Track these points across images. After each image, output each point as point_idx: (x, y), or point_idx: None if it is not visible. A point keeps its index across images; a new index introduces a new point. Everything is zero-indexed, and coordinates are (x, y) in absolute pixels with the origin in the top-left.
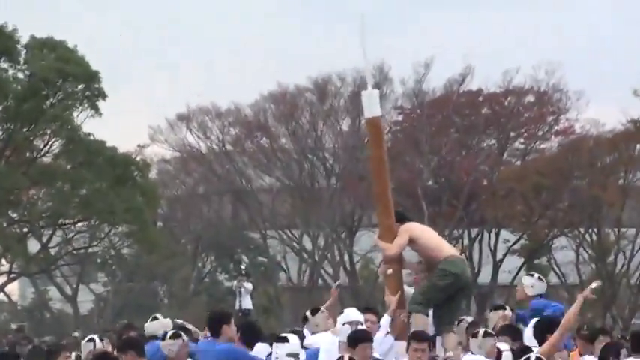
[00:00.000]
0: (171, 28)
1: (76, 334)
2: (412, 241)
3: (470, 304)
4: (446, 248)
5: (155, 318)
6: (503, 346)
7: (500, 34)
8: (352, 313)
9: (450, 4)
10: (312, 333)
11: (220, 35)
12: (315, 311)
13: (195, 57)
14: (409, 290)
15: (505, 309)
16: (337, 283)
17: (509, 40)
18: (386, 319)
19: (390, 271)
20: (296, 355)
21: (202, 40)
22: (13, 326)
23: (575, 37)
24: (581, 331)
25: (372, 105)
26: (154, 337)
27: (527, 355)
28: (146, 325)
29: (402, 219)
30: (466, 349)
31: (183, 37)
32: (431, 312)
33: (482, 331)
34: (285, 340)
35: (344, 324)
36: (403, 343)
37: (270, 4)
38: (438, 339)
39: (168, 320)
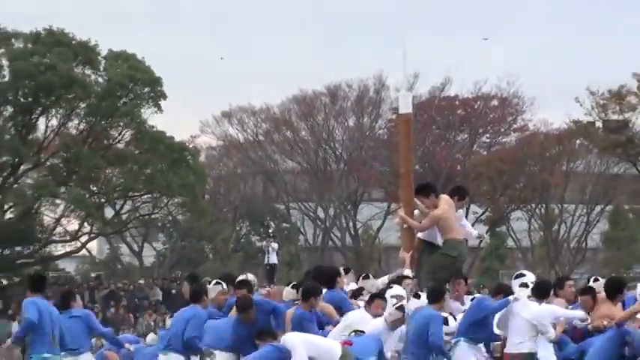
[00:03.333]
0: (217, 49)
1: (141, 281)
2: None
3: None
4: (452, 233)
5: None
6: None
7: (472, 53)
8: (398, 290)
9: (433, 31)
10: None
11: (256, 50)
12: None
13: (236, 67)
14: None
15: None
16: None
17: (479, 58)
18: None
19: (405, 225)
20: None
21: (242, 55)
22: (93, 275)
23: (530, 56)
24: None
25: (406, 105)
26: None
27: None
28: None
29: (432, 191)
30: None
31: (227, 53)
32: None
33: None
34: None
35: (391, 297)
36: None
37: (293, 32)
38: None
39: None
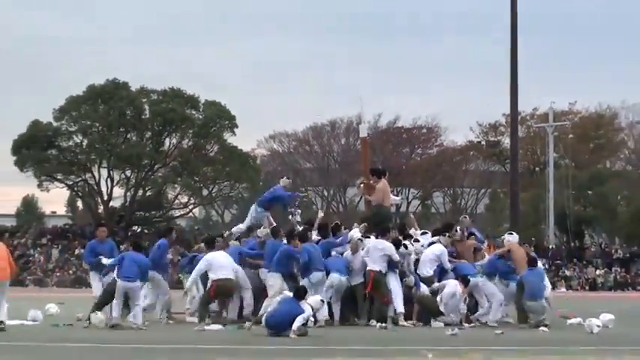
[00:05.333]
0: (265, 99)
1: (224, 231)
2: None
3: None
4: (385, 201)
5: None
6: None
7: (413, 103)
8: (356, 233)
9: (389, 90)
10: None
11: (289, 100)
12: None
13: (278, 109)
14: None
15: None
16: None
17: (417, 105)
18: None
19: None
20: None
21: (281, 102)
22: (196, 228)
23: (443, 102)
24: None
25: (363, 131)
26: None
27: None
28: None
29: (380, 173)
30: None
31: (274, 101)
32: None
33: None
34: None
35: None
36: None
37: (310, 92)
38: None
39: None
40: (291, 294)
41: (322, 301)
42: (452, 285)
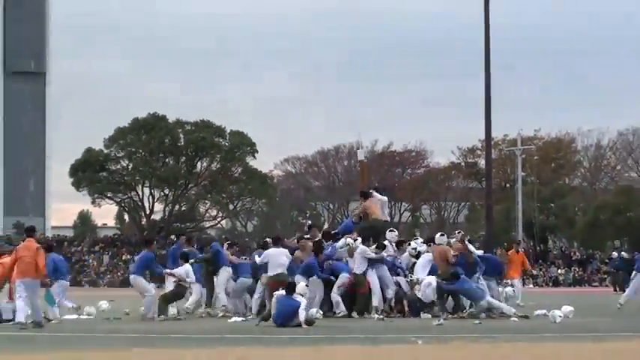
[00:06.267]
0: (281, 128)
1: (247, 239)
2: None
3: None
4: (375, 215)
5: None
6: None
7: (404, 131)
8: (349, 239)
9: (383, 121)
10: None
11: (301, 130)
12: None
13: (292, 138)
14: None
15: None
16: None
17: (407, 132)
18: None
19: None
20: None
21: (295, 132)
22: (223, 237)
23: (427, 130)
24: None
25: (360, 155)
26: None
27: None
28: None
29: (365, 195)
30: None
31: (287, 131)
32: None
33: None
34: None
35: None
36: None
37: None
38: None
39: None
40: (283, 292)
41: (306, 285)
42: (428, 278)
